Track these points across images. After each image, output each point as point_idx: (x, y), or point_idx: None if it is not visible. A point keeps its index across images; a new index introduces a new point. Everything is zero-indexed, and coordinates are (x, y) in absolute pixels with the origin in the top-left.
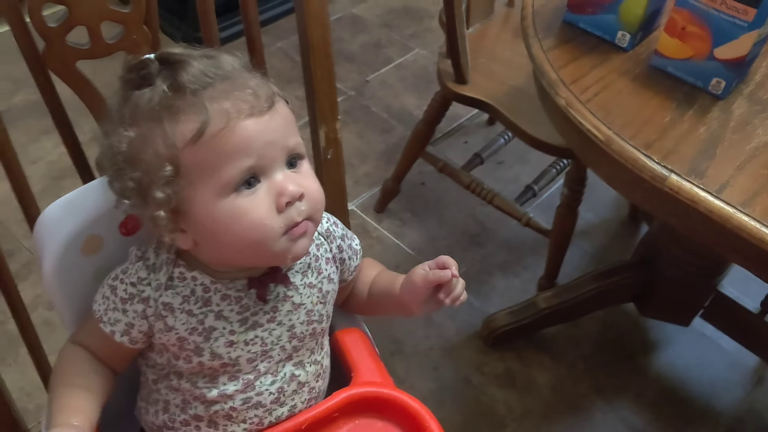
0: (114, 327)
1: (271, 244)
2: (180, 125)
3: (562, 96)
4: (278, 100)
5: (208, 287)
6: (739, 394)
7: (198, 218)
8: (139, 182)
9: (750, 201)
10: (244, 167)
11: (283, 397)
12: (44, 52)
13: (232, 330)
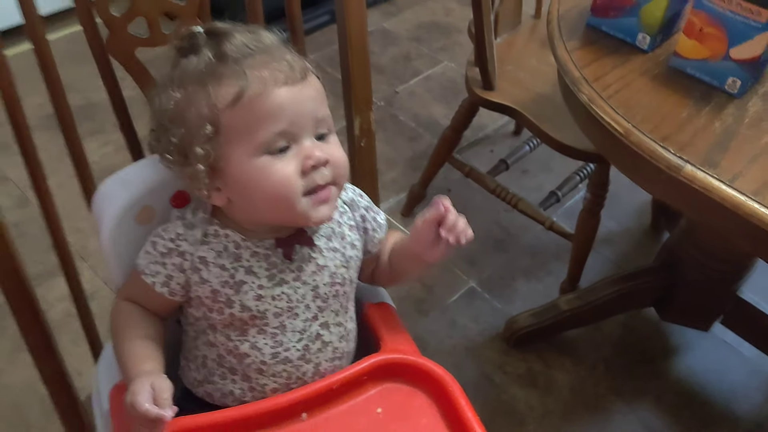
0: (154, 278)
1: (293, 202)
2: (222, 89)
3: (584, 92)
4: (311, 74)
5: (239, 244)
6: (758, 400)
7: (232, 175)
8: (181, 139)
9: (761, 189)
10: (276, 131)
11: (309, 354)
12: (108, 40)
13: (261, 285)
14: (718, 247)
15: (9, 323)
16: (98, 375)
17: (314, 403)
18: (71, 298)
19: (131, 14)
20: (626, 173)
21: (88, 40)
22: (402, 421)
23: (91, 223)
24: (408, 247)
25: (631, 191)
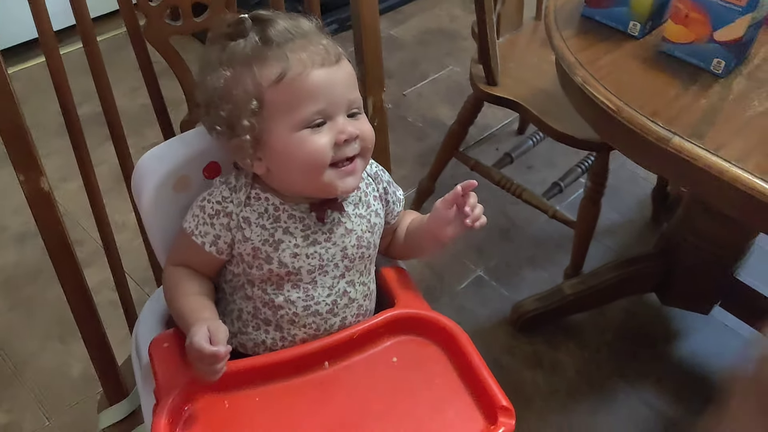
0: (204, 239)
1: (321, 172)
2: (266, 69)
3: (579, 75)
4: (344, 58)
5: (278, 207)
6: None
7: (273, 146)
8: (229, 113)
9: (744, 158)
10: (315, 109)
11: (336, 309)
12: (144, 27)
13: (296, 244)
14: (715, 232)
15: (39, 313)
16: (137, 333)
17: (336, 352)
18: (106, 286)
19: (166, 4)
20: (619, 148)
21: (129, 29)
22: (416, 369)
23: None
24: (425, 225)
25: (632, 184)
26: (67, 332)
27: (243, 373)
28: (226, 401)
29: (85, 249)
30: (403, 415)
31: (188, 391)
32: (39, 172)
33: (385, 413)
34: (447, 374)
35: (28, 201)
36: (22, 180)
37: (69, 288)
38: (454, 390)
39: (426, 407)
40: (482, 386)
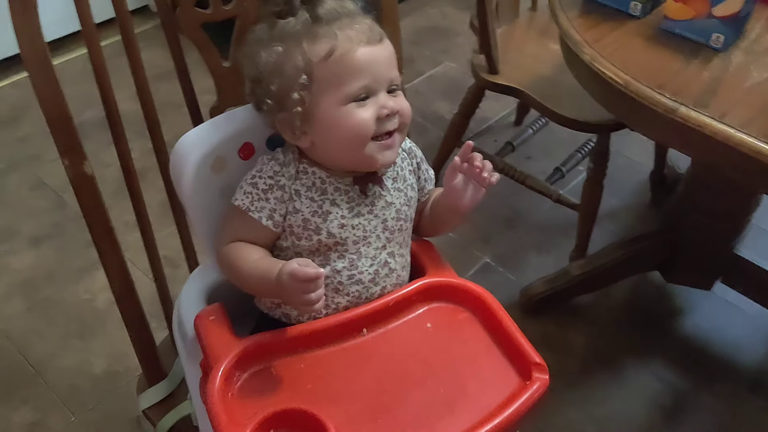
0: (260, 213)
1: (364, 144)
2: (316, 46)
3: (586, 53)
4: (385, 38)
5: (324, 180)
6: (761, 351)
7: (320, 119)
8: (279, 87)
9: (747, 123)
10: (361, 84)
11: (378, 278)
12: (177, 14)
13: (343, 215)
14: (716, 208)
15: (57, 313)
16: (180, 310)
17: (373, 319)
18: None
19: None
20: (627, 121)
21: (162, 17)
22: (449, 333)
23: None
24: (441, 200)
25: (629, 170)
26: (87, 330)
27: (289, 340)
28: (273, 368)
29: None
30: (441, 377)
31: (238, 359)
32: (83, 156)
33: (423, 376)
34: (479, 337)
35: (73, 185)
36: (67, 165)
37: (111, 270)
38: (488, 351)
39: (462, 369)
40: (515, 345)
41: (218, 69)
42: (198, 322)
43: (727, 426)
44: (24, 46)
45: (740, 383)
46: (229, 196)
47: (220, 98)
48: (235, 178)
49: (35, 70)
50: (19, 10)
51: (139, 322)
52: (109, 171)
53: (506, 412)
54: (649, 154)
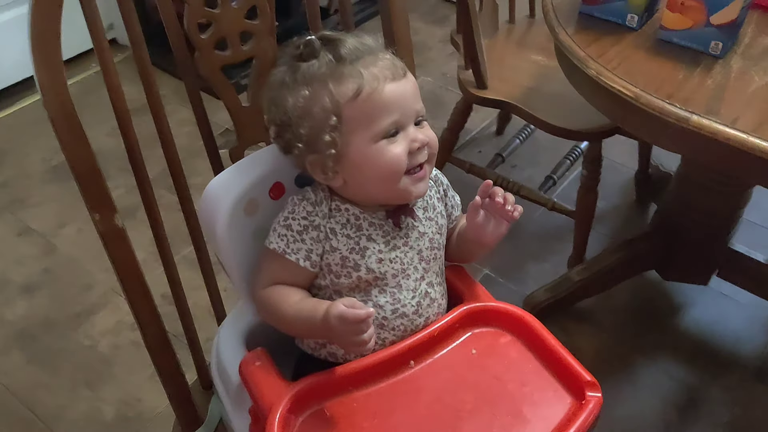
0: (297, 255)
1: (398, 179)
2: (343, 86)
3: (592, 68)
4: (408, 71)
5: (359, 216)
6: (761, 341)
7: (352, 158)
8: (309, 131)
9: (759, 127)
10: (391, 121)
11: (421, 309)
12: (196, 59)
13: (380, 249)
14: (708, 205)
15: (60, 363)
16: (220, 357)
17: (419, 350)
18: (130, 326)
19: (216, 35)
20: (636, 132)
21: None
22: (495, 357)
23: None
24: (465, 234)
25: (613, 173)
26: (94, 377)
27: (340, 380)
28: (326, 410)
29: (96, 292)
30: (494, 404)
31: (293, 404)
32: (113, 209)
33: (476, 404)
34: (526, 359)
35: (104, 239)
36: (97, 219)
37: (144, 321)
38: (537, 373)
39: (513, 393)
40: (563, 365)
41: (237, 110)
42: (244, 369)
43: (740, 417)
44: (49, 100)
45: (746, 373)
46: (262, 237)
47: (240, 139)
48: (267, 219)
49: (62, 125)
50: (44, 65)
51: (174, 372)
52: None
53: None
54: (631, 156)
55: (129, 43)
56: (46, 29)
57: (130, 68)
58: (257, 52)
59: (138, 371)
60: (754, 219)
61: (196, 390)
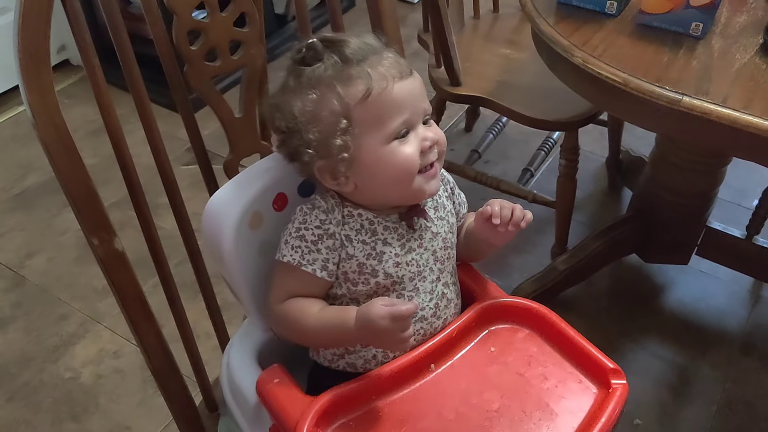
0: (314, 265)
1: (412, 179)
2: (351, 88)
3: (578, 56)
4: (413, 69)
5: (372, 221)
6: (743, 314)
7: (364, 161)
8: (318, 136)
9: (749, 104)
10: (401, 120)
11: (438, 311)
12: (186, 71)
13: (396, 253)
14: (685, 185)
15: (42, 398)
16: (233, 378)
17: (439, 353)
18: (106, 355)
19: (206, 46)
20: (625, 117)
21: (168, 73)
22: (515, 354)
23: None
24: (476, 234)
25: (583, 161)
26: (79, 410)
27: (363, 390)
28: (352, 422)
29: (73, 322)
30: (520, 400)
31: (318, 418)
32: (112, 233)
33: (502, 402)
34: (546, 353)
35: (104, 264)
36: (96, 244)
37: (150, 347)
38: (559, 365)
39: (537, 388)
40: (585, 355)
41: (230, 121)
42: (262, 388)
43: (731, 392)
44: (41, 124)
45: (732, 348)
46: (268, 251)
47: (233, 151)
48: (272, 232)
49: (56, 148)
50: (35, 87)
51: (182, 396)
52: (65, 238)
53: (599, 424)
54: (599, 144)
55: (82, 62)
56: (37, 50)
57: (86, 89)
58: (247, 61)
59: (125, 399)
60: (724, 196)
61: (202, 413)
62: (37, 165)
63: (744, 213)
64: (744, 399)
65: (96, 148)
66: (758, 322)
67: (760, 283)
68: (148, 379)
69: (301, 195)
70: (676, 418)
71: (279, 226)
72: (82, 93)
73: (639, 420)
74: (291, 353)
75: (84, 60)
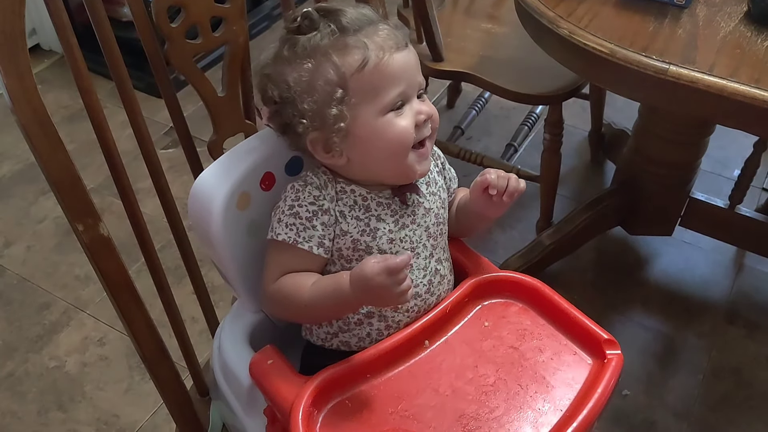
0: (310, 242)
1: (406, 153)
2: (348, 57)
3: (564, 27)
4: (409, 41)
5: (366, 197)
6: (727, 283)
7: (359, 133)
8: (314, 105)
9: (735, 72)
10: (397, 92)
11: (432, 288)
12: (167, 50)
13: (390, 229)
14: (669, 156)
15: (27, 389)
16: (227, 361)
17: (433, 329)
18: (91, 343)
19: (186, 23)
20: (611, 88)
21: (150, 54)
22: (509, 327)
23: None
24: (470, 207)
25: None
26: (65, 399)
27: (358, 368)
28: (348, 401)
29: (55, 310)
30: (515, 374)
31: (314, 398)
32: (97, 217)
33: (498, 376)
34: (540, 326)
35: (89, 250)
36: (81, 230)
37: (139, 333)
38: (553, 338)
39: (532, 361)
40: (578, 326)
41: (213, 100)
42: (256, 369)
43: (717, 359)
44: (20, 108)
45: (717, 317)
46: (256, 231)
47: (217, 131)
48: (260, 212)
49: (36, 132)
50: (12, 70)
51: (174, 383)
52: (44, 226)
53: (596, 394)
54: (580, 118)
55: (54, 48)
56: (12, 30)
57: (58, 74)
58: (229, 37)
59: (111, 387)
60: (706, 167)
61: (193, 398)
62: (11, 153)
63: (726, 183)
64: (729, 366)
65: (72, 135)
66: (742, 290)
67: (743, 252)
68: (134, 366)
69: (288, 174)
70: (663, 388)
71: (267, 205)
72: (55, 78)
73: (627, 391)
74: (283, 334)
75: (61, 39)
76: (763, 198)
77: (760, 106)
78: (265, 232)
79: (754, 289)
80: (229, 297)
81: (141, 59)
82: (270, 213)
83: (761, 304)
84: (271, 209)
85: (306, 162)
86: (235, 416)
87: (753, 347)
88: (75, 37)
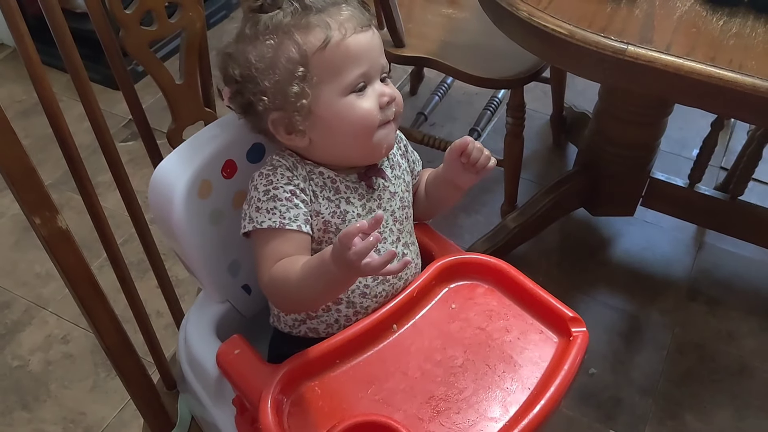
0: (297, 221)
1: (371, 134)
2: (310, 36)
3: (523, 10)
4: (373, 23)
5: (334, 179)
6: (688, 261)
7: (321, 114)
8: (275, 83)
9: (692, 51)
10: (359, 72)
11: (400, 272)
12: (122, 37)
13: (359, 213)
14: (628, 137)
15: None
16: (194, 353)
17: (400, 313)
18: (54, 341)
19: (141, 9)
20: (571, 69)
21: (105, 42)
22: (476, 309)
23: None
24: (442, 175)
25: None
26: (30, 399)
27: (326, 354)
28: (317, 387)
29: (16, 309)
30: (483, 355)
31: (282, 386)
32: (55, 210)
33: (466, 357)
34: (506, 306)
35: (48, 244)
36: (38, 223)
37: (102, 326)
38: (519, 318)
39: (500, 341)
40: (544, 306)
41: (171, 88)
42: (223, 360)
43: (681, 336)
44: None
45: (679, 294)
46: (219, 219)
47: (176, 120)
48: (222, 200)
49: None
50: None
51: (140, 377)
52: (1, 223)
53: (562, 371)
54: (541, 102)
55: (6, 41)
56: None
57: (11, 67)
58: (185, 23)
59: (77, 385)
60: (665, 147)
61: (161, 391)
62: None
63: (685, 163)
64: (693, 342)
65: (27, 129)
66: (703, 267)
67: (703, 230)
68: (99, 363)
69: (250, 161)
70: (629, 365)
71: (229, 193)
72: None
73: (594, 369)
74: (250, 323)
75: (11, 28)
76: (722, 176)
77: (715, 83)
78: (228, 220)
79: (714, 266)
80: (194, 290)
81: (97, 51)
82: (232, 201)
83: (722, 281)
84: (234, 197)
85: (268, 148)
86: (204, 408)
87: (714, 323)
88: (24, 22)
